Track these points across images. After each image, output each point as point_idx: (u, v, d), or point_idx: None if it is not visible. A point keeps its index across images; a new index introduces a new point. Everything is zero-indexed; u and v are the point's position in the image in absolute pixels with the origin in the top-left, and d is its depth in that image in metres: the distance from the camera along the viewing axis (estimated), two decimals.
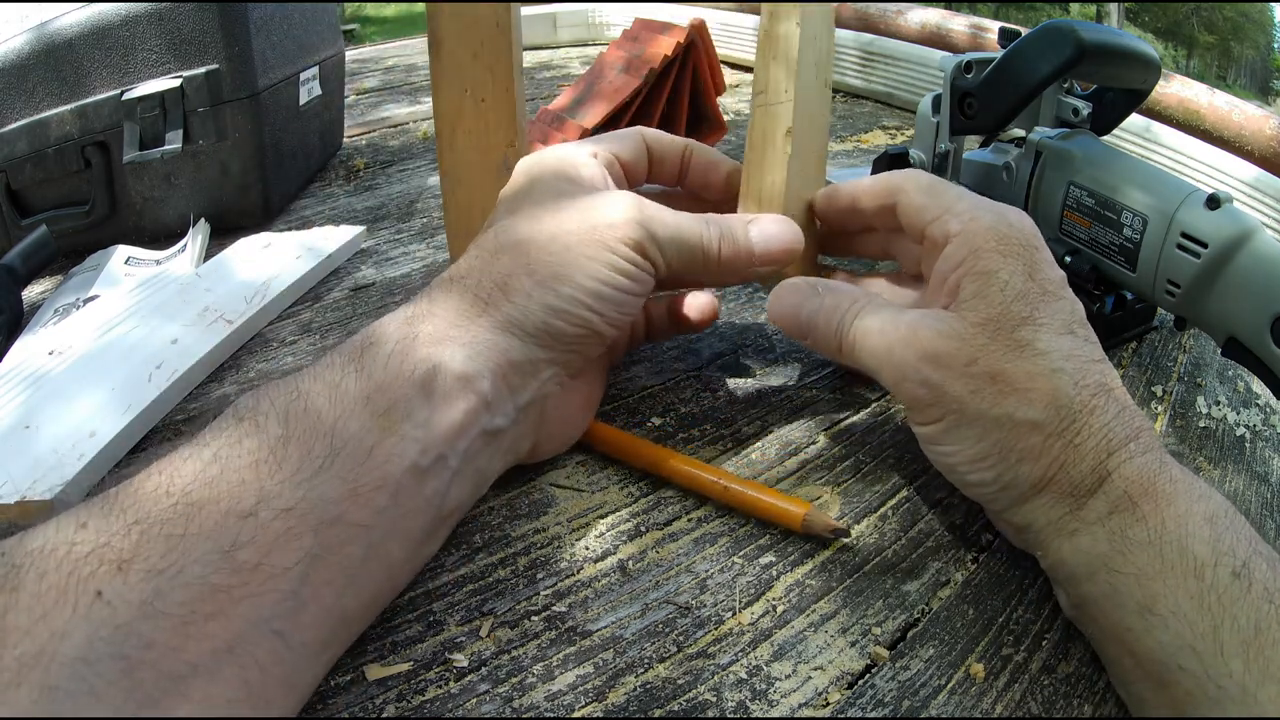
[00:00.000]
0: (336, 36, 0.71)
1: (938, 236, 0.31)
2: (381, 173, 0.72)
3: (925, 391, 0.29)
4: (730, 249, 0.34)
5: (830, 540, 0.32)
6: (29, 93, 0.52)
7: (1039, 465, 0.27)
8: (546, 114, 0.70)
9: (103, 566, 0.20)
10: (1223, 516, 0.25)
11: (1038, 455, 0.27)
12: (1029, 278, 0.29)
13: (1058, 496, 0.27)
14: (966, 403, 0.28)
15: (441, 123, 0.44)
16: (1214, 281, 0.36)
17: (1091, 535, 0.26)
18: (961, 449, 0.29)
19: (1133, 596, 0.25)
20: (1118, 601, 0.25)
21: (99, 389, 0.38)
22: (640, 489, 0.35)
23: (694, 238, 0.33)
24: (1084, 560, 0.27)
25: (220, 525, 0.22)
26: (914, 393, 0.29)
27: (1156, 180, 0.39)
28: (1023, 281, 0.29)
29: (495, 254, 0.31)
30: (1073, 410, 0.27)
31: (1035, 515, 0.28)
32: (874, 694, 0.26)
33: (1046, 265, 0.30)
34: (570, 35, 1.25)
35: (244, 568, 0.22)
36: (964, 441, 0.29)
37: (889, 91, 0.96)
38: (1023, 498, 0.28)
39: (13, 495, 0.32)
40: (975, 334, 0.28)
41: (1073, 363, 0.28)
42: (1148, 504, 0.26)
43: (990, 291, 0.29)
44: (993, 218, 0.30)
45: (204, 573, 0.21)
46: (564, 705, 0.26)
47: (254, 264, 0.51)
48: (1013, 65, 0.41)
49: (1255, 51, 8.90)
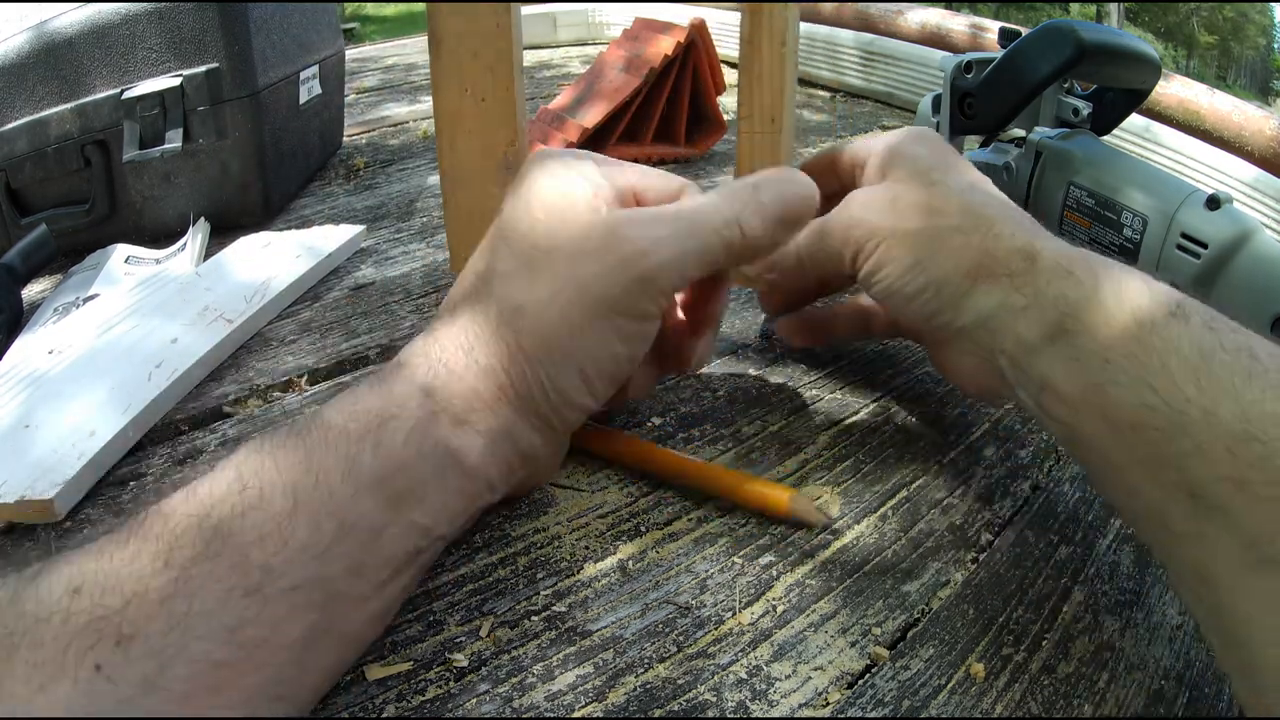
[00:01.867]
0: (336, 36, 0.71)
1: (862, 155, 0.36)
2: (381, 172, 0.72)
3: (860, 231, 0.33)
4: (751, 228, 0.30)
5: (821, 530, 0.32)
6: (29, 92, 0.52)
7: (966, 256, 0.30)
8: (546, 114, 0.70)
9: (101, 641, 0.20)
10: (1149, 278, 0.27)
11: (961, 250, 0.31)
12: (941, 157, 0.34)
13: (992, 279, 0.30)
14: (895, 226, 0.32)
15: (441, 123, 0.44)
16: (1214, 282, 0.36)
17: (1039, 307, 0.28)
18: (894, 266, 0.32)
19: (1090, 351, 0.26)
20: (1078, 367, 0.27)
21: (98, 388, 0.38)
22: (640, 489, 0.35)
23: (709, 241, 0.29)
24: (1037, 330, 0.28)
25: (224, 602, 0.21)
26: (850, 235, 0.33)
27: (1156, 181, 0.39)
28: (934, 157, 0.34)
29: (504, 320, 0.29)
30: (986, 216, 0.31)
31: (980, 303, 0.30)
32: (874, 694, 0.26)
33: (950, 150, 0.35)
34: (570, 35, 1.25)
35: (249, 643, 0.21)
36: (896, 262, 0.32)
37: (889, 91, 0.96)
38: (962, 291, 0.31)
39: (13, 495, 0.32)
40: (895, 185, 0.33)
41: (979, 191, 0.33)
42: (1082, 268, 0.28)
43: (904, 162, 0.34)
44: (901, 131, 0.36)
45: (208, 649, 0.21)
46: (564, 705, 0.26)
47: (254, 263, 0.51)
48: (1013, 65, 0.41)
49: (1255, 51, 8.90)
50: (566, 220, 0.29)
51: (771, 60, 0.39)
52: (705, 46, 0.69)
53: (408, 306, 0.49)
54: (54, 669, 0.19)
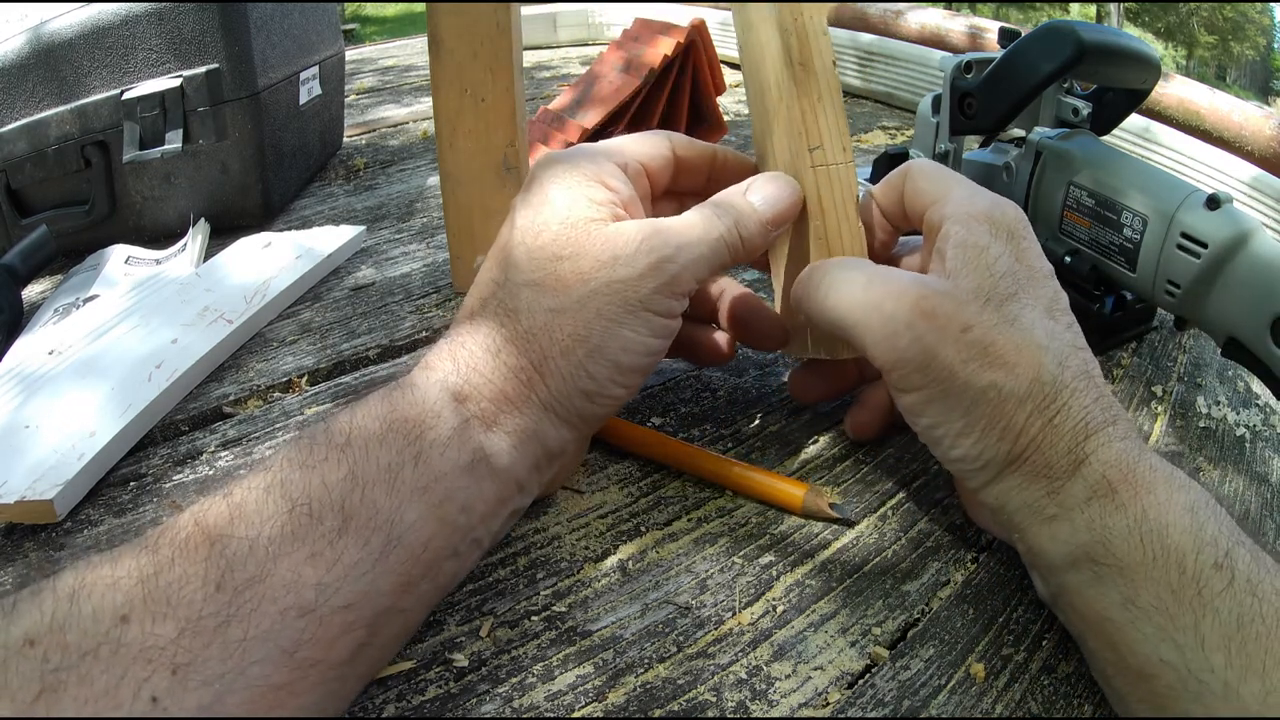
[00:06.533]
0: (336, 36, 0.71)
1: (935, 220, 0.31)
2: (381, 172, 0.72)
3: (916, 352, 0.27)
4: (748, 231, 0.32)
5: (833, 525, 0.33)
6: (29, 93, 0.52)
7: (1017, 441, 0.27)
8: (546, 114, 0.70)
9: (156, 671, 0.19)
10: (1203, 506, 0.25)
11: (1018, 431, 0.27)
12: (1017, 260, 0.29)
13: (1030, 476, 0.27)
14: (956, 372, 0.27)
15: (441, 123, 0.44)
16: (1214, 282, 0.36)
17: (1071, 523, 0.26)
18: (946, 422, 0.28)
19: (1115, 588, 0.24)
20: (1100, 592, 0.25)
21: (99, 389, 0.38)
22: (640, 489, 0.35)
23: (717, 246, 0.31)
24: (1064, 550, 0.26)
25: (279, 624, 0.21)
26: (903, 351, 0.28)
27: (1156, 180, 0.39)
28: (1011, 261, 0.29)
29: (536, 322, 0.29)
30: (1055, 388, 0.27)
31: (1009, 496, 0.28)
32: (874, 694, 0.26)
33: (1034, 254, 0.30)
34: (570, 35, 1.25)
35: (303, 664, 0.22)
36: (949, 414, 0.28)
37: (889, 91, 0.96)
38: (997, 475, 0.28)
39: (13, 495, 0.32)
40: (969, 300, 0.28)
41: (1057, 343, 0.28)
42: (1127, 491, 0.25)
43: (981, 262, 0.29)
44: (987, 203, 0.31)
45: (265, 673, 0.21)
46: (564, 705, 0.26)
47: (254, 264, 0.51)
48: (1013, 65, 0.41)
49: (1255, 52, 8.90)
50: (591, 232, 0.30)
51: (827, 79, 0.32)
52: (705, 47, 0.69)
53: (408, 307, 0.49)
54: (108, 704, 0.19)
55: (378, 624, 0.24)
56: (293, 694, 0.21)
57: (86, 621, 0.20)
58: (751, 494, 0.34)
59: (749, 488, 0.34)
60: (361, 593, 0.23)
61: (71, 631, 0.19)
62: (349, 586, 0.23)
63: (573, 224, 0.30)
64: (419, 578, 0.25)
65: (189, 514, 0.23)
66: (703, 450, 0.35)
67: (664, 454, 0.36)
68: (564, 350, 0.29)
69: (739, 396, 0.41)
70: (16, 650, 0.19)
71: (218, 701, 0.20)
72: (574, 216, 0.30)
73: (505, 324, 0.30)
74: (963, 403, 0.27)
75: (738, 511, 0.34)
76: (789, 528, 0.33)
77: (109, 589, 0.20)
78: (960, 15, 0.97)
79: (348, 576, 0.23)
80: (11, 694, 0.18)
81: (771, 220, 0.33)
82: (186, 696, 0.19)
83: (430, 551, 0.25)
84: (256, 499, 0.23)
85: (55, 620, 0.20)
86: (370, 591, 0.23)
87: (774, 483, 0.34)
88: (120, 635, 0.19)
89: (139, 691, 0.19)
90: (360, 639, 0.23)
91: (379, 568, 0.24)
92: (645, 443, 0.36)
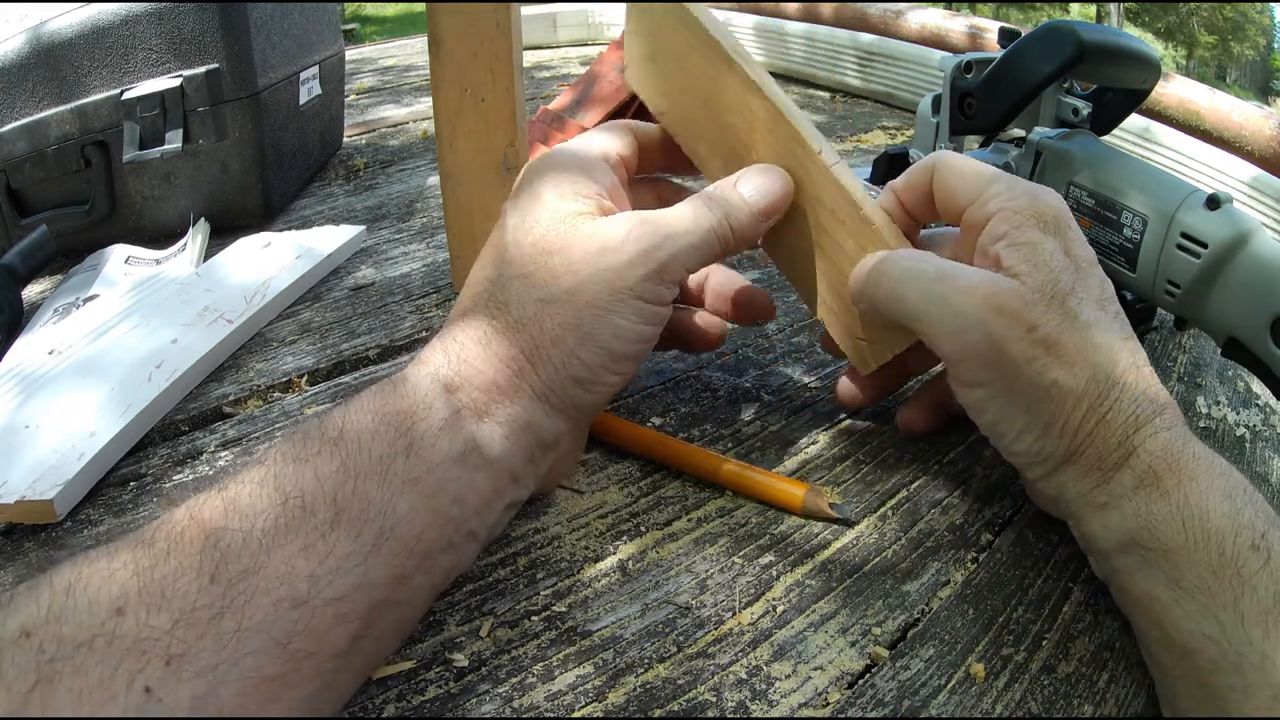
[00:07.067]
0: (336, 36, 0.71)
1: (977, 218, 0.31)
2: (381, 172, 0.72)
3: (986, 347, 0.28)
4: (738, 221, 0.32)
5: (833, 525, 0.33)
6: (29, 93, 0.52)
7: (1074, 438, 0.28)
8: (546, 114, 0.70)
9: (150, 662, 0.19)
10: (1241, 493, 0.26)
11: (1075, 428, 0.28)
12: (1066, 253, 0.30)
13: (1085, 469, 0.29)
14: (1021, 369, 0.28)
15: (441, 123, 0.44)
16: (1214, 282, 0.36)
17: (1120, 511, 0.27)
18: (1009, 418, 0.29)
19: (1161, 570, 0.26)
20: (1147, 574, 0.26)
21: (99, 389, 0.38)
22: (640, 489, 0.35)
23: (707, 237, 0.32)
24: (1114, 537, 0.28)
25: (273, 616, 0.21)
26: (973, 345, 0.28)
27: (1156, 180, 0.39)
28: (1062, 256, 0.30)
29: (527, 312, 0.30)
30: (1108, 385, 0.28)
31: (1065, 487, 0.29)
32: (874, 694, 0.26)
33: (1080, 244, 0.31)
34: (569, 35, 1.25)
35: (297, 656, 0.22)
36: (1012, 410, 0.29)
37: (889, 91, 0.96)
38: (1056, 469, 0.29)
39: (13, 495, 0.32)
40: (1036, 299, 0.28)
41: (1109, 337, 0.29)
42: (1171, 479, 0.27)
43: (1039, 260, 0.29)
44: (1029, 197, 0.31)
45: (259, 664, 0.21)
46: (564, 705, 0.26)
47: (254, 264, 0.51)
48: (1013, 65, 0.41)
49: (1255, 51, 8.90)
50: (579, 226, 0.31)
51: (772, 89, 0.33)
52: None
53: (408, 306, 0.49)
54: (102, 695, 0.19)
55: (372, 616, 0.24)
56: (287, 685, 0.21)
57: (82, 613, 0.20)
58: (751, 494, 0.34)
59: (749, 488, 0.34)
60: (354, 584, 0.23)
61: (67, 623, 0.19)
62: (341, 578, 0.23)
63: (561, 219, 0.31)
64: (413, 570, 0.25)
65: (184, 508, 0.23)
66: (703, 450, 0.35)
67: (664, 454, 0.36)
68: (555, 339, 0.29)
69: (739, 396, 0.41)
70: (12, 642, 0.19)
71: (211, 692, 0.20)
72: (562, 212, 0.31)
73: (496, 316, 0.30)
74: (1025, 400, 0.29)
75: (738, 511, 0.34)
76: (789, 528, 0.33)
77: (105, 582, 0.21)
78: (960, 15, 0.97)
79: (340, 568, 0.23)
80: (7, 685, 0.18)
81: (763, 211, 0.33)
82: (180, 687, 0.19)
83: (424, 543, 0.25)
84: (250, 492, 0.23)
85: (51, 612, 0.20)
86: (363, 583, 0.23)
87: (774, 483, 0.34)
88: (115, 627, 0.20)
89: (133, 682, 0.19)
90: (354, 631, 0.23)
91: (371, 560, 0.24)
92: (645, 443, 0.36)
